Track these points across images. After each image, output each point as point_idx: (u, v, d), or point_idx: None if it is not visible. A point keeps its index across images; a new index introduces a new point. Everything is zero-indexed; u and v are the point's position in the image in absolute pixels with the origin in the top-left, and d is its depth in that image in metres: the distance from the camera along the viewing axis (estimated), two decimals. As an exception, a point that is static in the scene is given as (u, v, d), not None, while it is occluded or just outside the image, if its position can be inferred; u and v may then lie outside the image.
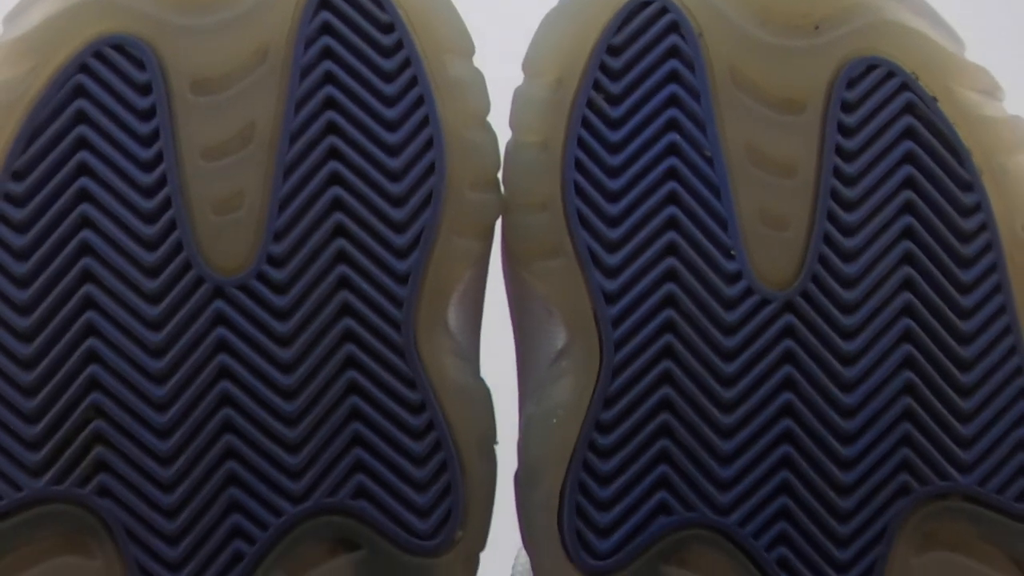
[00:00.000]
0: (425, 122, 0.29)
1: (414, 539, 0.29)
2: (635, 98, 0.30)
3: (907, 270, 0.29)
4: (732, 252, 0.29)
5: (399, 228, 0.29)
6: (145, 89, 0.29)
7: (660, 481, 0.29)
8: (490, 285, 0.32)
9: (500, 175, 0.30)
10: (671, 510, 0.29)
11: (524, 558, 0.46)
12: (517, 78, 0.31)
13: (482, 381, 0.30)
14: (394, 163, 0.29)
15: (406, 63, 0.29)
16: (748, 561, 0.29)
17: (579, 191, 0.30)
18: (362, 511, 0.29)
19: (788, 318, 0.29)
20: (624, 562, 0.29)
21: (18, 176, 0.28)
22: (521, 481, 0.30)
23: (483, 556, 0.42)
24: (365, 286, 0.29)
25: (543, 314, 0.30)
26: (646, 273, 0.29)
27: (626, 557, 0.29)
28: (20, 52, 0.29)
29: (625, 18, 0.30)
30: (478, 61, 0.31)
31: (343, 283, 0.29)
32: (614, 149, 0.30)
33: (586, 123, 0.30)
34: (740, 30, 0.30)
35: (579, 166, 0.30)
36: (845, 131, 0.30)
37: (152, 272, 0.28)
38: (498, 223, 0.31)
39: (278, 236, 0.29)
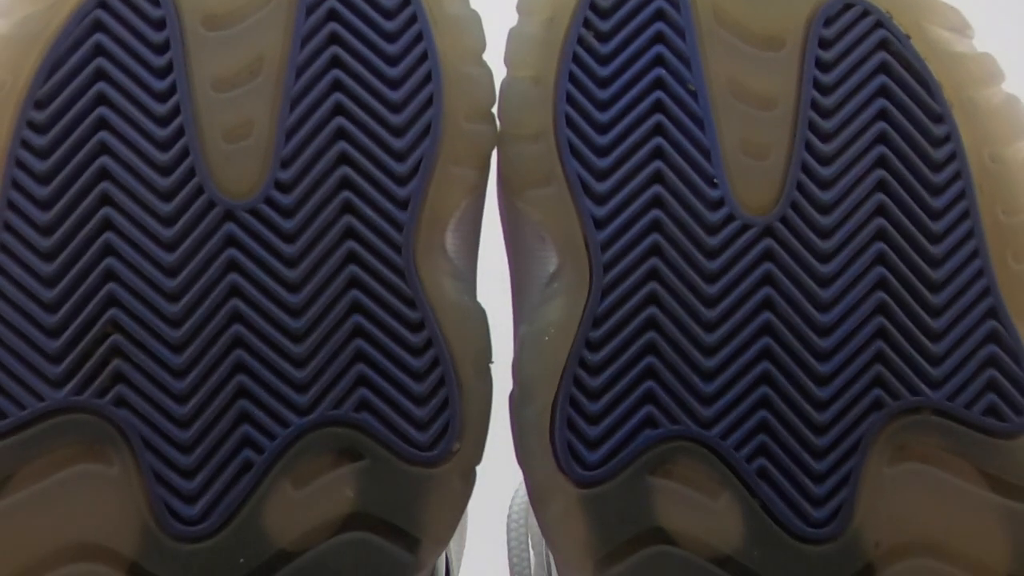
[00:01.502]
0: (424, 57, 0.31)
1: (414, 450, 0.30)
2: (623, 35, 0.31)
3: (880, 197, 0.31)
4: (715, 180, 0.31)
5: (399, 156, 0.31)
6: (160, 24, 0.30)
7: (646, 396, 0.31)
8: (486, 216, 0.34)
9: (495, 109, 0.32)
10: (657, 423, 0.31)
11: (522, 495, 0.47)
12: (512, 18, 0.32)
13: (478, 303, 0.32)
14: (394, 95, 0.31)
15: (406, 1, 0.31)
16: (729, 472, 0.31)
17: (570, 123, 0.31)
18: (365, 423, 0.30)
19: (767, 242, 0.31)
20: (612, 472, 0.31)
21: (40, 105, 0.30)
22: (516, 399, 0.32)
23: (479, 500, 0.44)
24: (367, 211, 0.30)
25: (536, 240, 0.32)
26: (633, 200, 0.31)
27: (614, 468, 0.31)
28: (41, -12, 0.30)
29: (614, -41, 0.32)
30: (475, 2, 0.32)
31: (347, 208, 0.30)
32: (603, 83, 0.31)
33: (577, 59, 0.31)
34: (723, -29, 0.32)
35: (570, 99, 0.31)
36: (822, 66, 0.31)
37: (166, 196, 0.30)
38: (494, 157, 0.32)
39: (285, 163, 0.30)
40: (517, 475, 0.48)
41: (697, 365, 0.31)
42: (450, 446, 0.31)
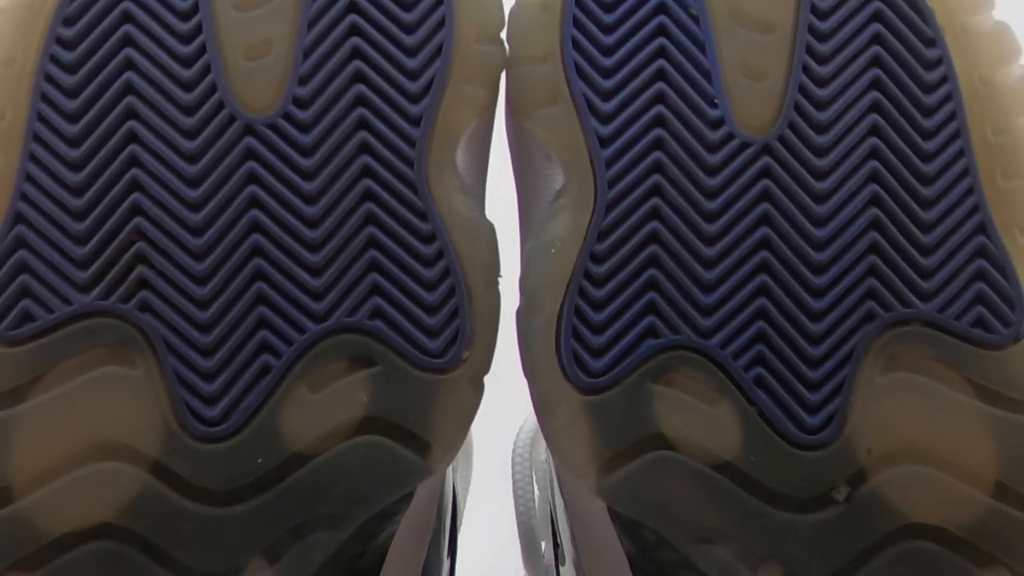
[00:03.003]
0: None
1: (425, 357, 0.32)
2: (628, -39, 0.33)
3: (875, 117, 0.32)
4: (715, 101, 0.32)
5: (412, 75, 0.32)
6: (183, -54, 0.32)
7: (648, 307, 0.32)
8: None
9: (504, 34, 0.33)
10: (658, 333, 0.32)
11: (526, 431, 0.49)
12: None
13: (487, 218, 0.33)
14: (408, 16, 0.32)
15: (419, -70, 0.32)
16: (728, 380, 0.32)
17: (576, 45, 0.32)
18: (378, 330, 0.32)
19: (766, 160, 0.32)
20: (616, 380, 0.32)
21: (68, 22, 0.31)
22: (522, 312, 0.33)
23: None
24: (381, 127, 0.32)
25: (543, 160, 0.33)
26: (637, 119, 0.32)
27: (618, 375, 0.32)
28: (70, -90, 0.31)
29: None
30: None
31: (362, 124, 0.32)
32: (608, 8, 0.32)
33: (583, -16, 0.33)
34: (725, -100, 0.33)
35: (576, 23, 0.32)
36: (820, -8, 0.33)
37: (189, 110, 0.31)
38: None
39: (303, 80, 0.31)
40: (522, 412, 0.49)
41: (697, 277, 0.32)
42: (460, 354, 0.32)
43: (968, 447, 0.32)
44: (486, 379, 0.33)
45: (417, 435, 0.32)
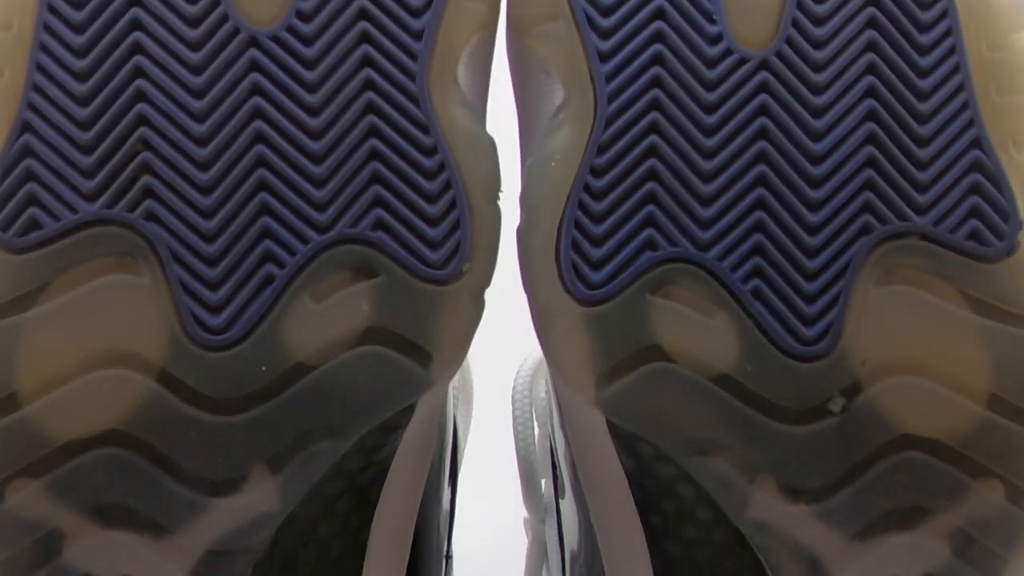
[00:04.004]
0: None
1: (426, 268, 0.32)
2: None
3: (871, 33, 0.33)
4: (714, 17, 0.33)
5: (414, -11, 0.32)
6: None
7: (647, 220, 0.32)
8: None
9: (505, -48, 0.34)
10: (657, 245, 0.32)
11: (526, 369, 0.49)
12: None
13: (488, 133, 0.33)
14: (409, -67, 0.32)
15: None
16: (725, 292, 0.32)
17: None
18: (380, 241, 0.32)
19: (763, 75, 0.32)
20: (615, 292, 0.32)
21: (74, -64, 0.32)
22: (523, 227, 0.33)
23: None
24: (384, 40, 0.32)
25: (542, 76, 0.34)
26: (636, 34, 0.32)
27: (617, 287, 0.32)
28: None
29: None
30: None
31: (364, 38, 0.32)
32: (608, -76, 0.33)
33: (583, -97, 0.33)
34: None
35: (577, -61, 0.33)
36: (816, -90, 0.33)
37: (193, 22, 0.32)
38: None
39: (305, -6, 0.32)
40: (522, 352, 0.50)
41: (696, 191, 0.32)
42: (460, 266, 0.32)
43: (962, 359, 0.32)
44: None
45: (419, 345, 0.32)
